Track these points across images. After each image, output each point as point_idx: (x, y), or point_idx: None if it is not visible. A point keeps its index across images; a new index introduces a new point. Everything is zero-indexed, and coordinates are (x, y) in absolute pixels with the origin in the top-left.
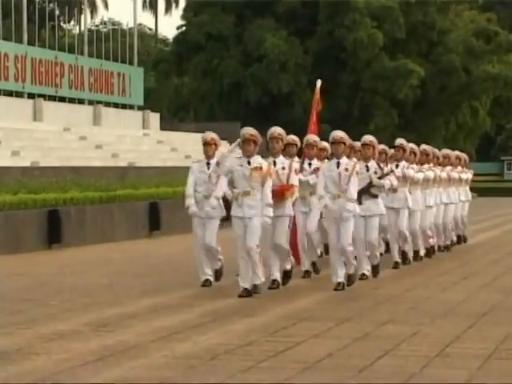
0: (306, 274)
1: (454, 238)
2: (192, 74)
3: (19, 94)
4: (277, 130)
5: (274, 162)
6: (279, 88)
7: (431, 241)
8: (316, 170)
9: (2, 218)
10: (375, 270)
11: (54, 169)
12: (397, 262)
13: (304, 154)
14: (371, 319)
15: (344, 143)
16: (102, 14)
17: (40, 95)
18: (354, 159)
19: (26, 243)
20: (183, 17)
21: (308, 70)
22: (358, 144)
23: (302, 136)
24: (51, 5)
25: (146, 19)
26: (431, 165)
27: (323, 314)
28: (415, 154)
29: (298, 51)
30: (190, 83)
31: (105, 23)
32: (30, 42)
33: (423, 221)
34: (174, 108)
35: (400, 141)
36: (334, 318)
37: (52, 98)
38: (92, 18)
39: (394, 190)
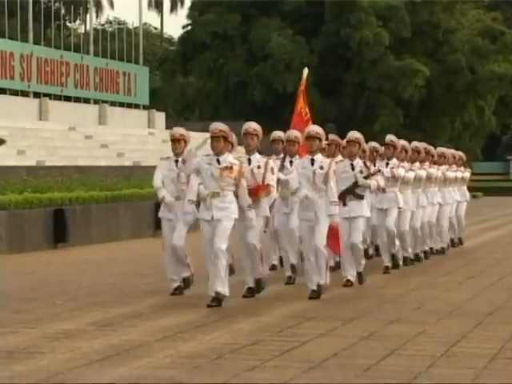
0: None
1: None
2: (197, 73)
3: (25, 94)
4: (251, 126)
5: (249, 160)
6: (284, 87)
7: (410, 251)
8: None
9: (8, 217)
10: (360, 277)
11: (60, 168)
12: (387, 267)
13: (285, 151)
14: (377, 319)
15: (319, 139)
16: (108, 14)
17: (46, 94)
18: (339, 157)
19: (31, 242)
20: (189, 16)
21: (313, 70)
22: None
23: None
24: (57, 4)
25: (152, 18)
26: (426, 163)
27: (329, 314)
28: (406, 151)
29: (303, 50)
30: (196, 82)
31: (110, 22)
32: (36, 42)
33: (415, 222)
34: (180, 107)
35: (390, 138)
36: (340, 318)
37: (57, 98)
38: (97, 17)
39: (382, 190)
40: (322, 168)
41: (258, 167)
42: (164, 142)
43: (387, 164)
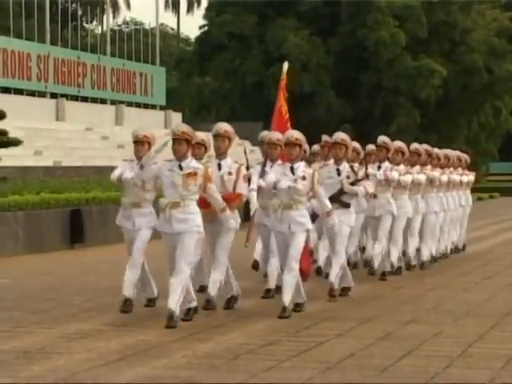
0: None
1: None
2: (214, 73)
3: (42, 94)
4: (222, 127)
5: (219, 166)
6: (301, 88)
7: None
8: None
9: (25, 218)
10: (344, 290)
11: (77, 168)
12: (384, 273)
13: (266, 154)
14: (393, 319)
15: (300, 145)
16: (125, 14)
17: (62, 95)
18: (320, 164)
19: (48, 243)
20: (205, 17)
21: (330, 70)
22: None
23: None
24: (74, 5)
25: (168, 19)
26: (428, 167)
27: (345, 314)
28: (403, 153)
29: (319, 51)
30: (212, 83)
31: (127, 23)
32: (53, 42)
33: (412, 230)
34: (196, 107)
35: (383, 139)
36: (356, 318)
37: (74, 98)
38: (114, 17)
39: (374, 195)
40: (304, 178)
41: (229, 173)
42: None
43: (379, 167)
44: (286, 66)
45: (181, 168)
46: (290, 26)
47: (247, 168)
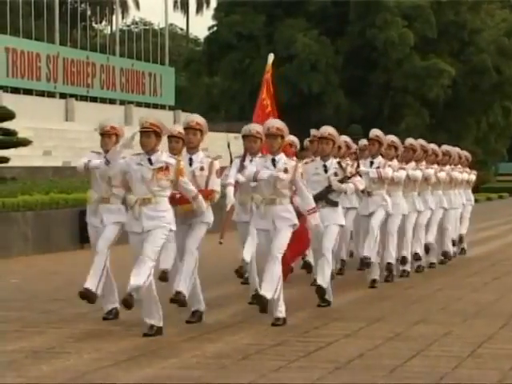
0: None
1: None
2: (223, 73)
3: (51, 94)
4: (194, 119)
5: (190, 160)
6: (310, 88)
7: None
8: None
9: (34, 218)
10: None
11: None
12: (374, 280)
13: (245, 148)
14: (402, 319)
15: (282, 136)
16: (134, 14)
17: (72, 95)
18: (307, 160)
19: (57, 243)
20: (214, 17)
21: (339, 70)
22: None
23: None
24: (83, 5)
25: (177, 19)
26: (423, 163)
27: (354, 314)
28: (396, 148)
29: (328, 51)
30: (221, 83)
31: (136, 23)
32: (62, 43)
33: (407, 229)
34: (205, 107)
35: (375, 132)
36: (366, 318)
37: (84, 98)
38: (123, 18)
39: (368, 193)
40: (286, 171)
41: (201, 169)
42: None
43: (372, 163)
44: (271, 57)
45: (150, 162)
46: (299, 26)
47: (231, 163)
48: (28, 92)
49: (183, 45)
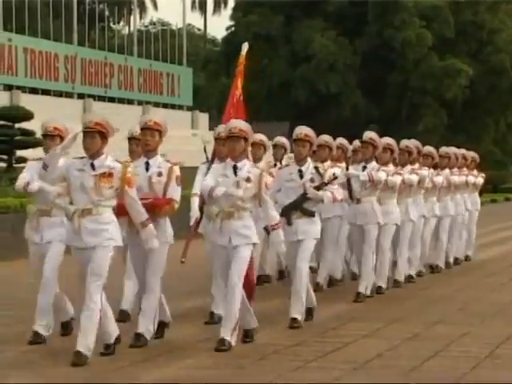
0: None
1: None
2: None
3: (69, 95)
4: (152, 119)
5: (147, 165)
6: (328, 88)
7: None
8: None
9: None
10: (309, 312)
11: None
12: (359, 293)
13: (214, 151)
14: (420, 320)
15: (245, 138)
16: (152, 15)
17: (90, 95)
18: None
19: None
20: (232, 17)
21: (357, 71)
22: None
23: (350, 140)
24: (101, 5)
25: (195, 20)
26: (416, 165)
27: (372, 315)
28: (392, 151)
29: (346, 51)
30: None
31: (154, 24)
32: (80, 43)
33: (402, 238)
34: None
35: (369, 134)
36: (383, 319)
37: (101, 99)
38: (141, 18)
39: (357, 200)
40: (248, 180)
41: (159, 174)
42: (207, 143)
43: (364, 168)
44: (245, 47)
45: (93, 167)
46: (317, 27)
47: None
48: (46, 92)
49: (201, 45)
